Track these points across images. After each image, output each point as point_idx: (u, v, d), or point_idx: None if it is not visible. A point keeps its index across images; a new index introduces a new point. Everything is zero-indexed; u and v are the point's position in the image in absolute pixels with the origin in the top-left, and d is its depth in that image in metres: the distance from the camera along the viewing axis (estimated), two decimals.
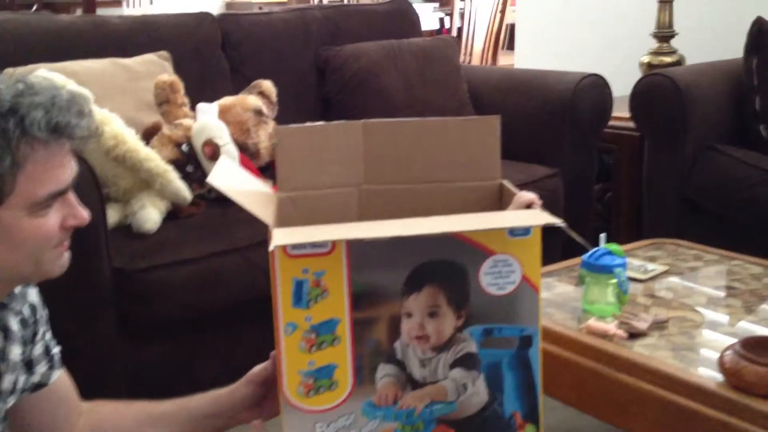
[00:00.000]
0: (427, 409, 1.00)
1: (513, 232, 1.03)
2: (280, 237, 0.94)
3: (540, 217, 1.00)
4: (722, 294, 1.60)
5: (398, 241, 1.00)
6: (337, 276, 0.96)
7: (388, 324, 0.98)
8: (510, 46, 4.64)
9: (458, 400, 1.00)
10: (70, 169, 0.91)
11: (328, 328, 0.97)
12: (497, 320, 1.01)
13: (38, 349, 1.04)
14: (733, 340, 1.34)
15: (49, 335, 1.07)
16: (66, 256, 0.96)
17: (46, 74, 1.80)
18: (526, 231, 1.03)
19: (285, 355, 0.97)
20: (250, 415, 1.09)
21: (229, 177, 1.20)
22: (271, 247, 0.94)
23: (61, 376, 1.08)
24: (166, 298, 1.70)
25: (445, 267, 0.98)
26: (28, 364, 1.01)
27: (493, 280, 1.00)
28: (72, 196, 0.93)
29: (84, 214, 0.94)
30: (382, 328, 0.98)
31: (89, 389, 1.17)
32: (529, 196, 1.18)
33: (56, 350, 1.09)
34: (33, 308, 1.02)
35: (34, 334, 1.03)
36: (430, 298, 0.98)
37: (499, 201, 1.25)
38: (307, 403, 0.97)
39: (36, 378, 1.03)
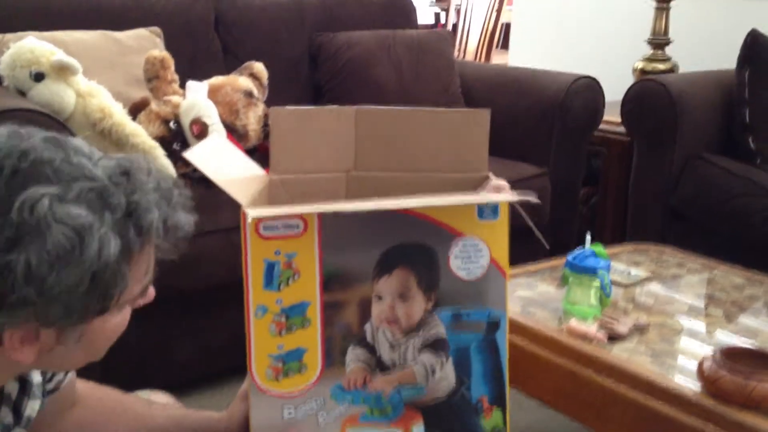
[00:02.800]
0: (395, 392, 1.00)
1: (482, 214, 1.04)
2: (252, 212, 0.93)
3: (507, 195, 1.01)
4: (703, 303, 1.60)
5: (369, 223, 1.00)
6: (309, 258, 0.96)
7: (358, 307, 0.99)
8: (504, 45, 4.64)
9: (427, 384, 1.00)
10: (149, 263, 0.83)
11: (298, 311, 0.97)
12: (466, 303, 1.02)
13: None
14: (711, 348, 1.34)
15: None
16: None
17: (34, 42, 1.77)
18: (494, 213, 1.03)
19: (254, 339, 0.97)
20: None
21: (213, 155, 1.18)
22: (248, 219, 0.93)
23: (70, 376, 1.04)
24: None
25: (416, 249, 0.99)
26: (45, 378, 0.96)
27: (463, 264, 1.01)
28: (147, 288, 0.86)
29: (153, 292, 0.87)
30: (353, 310, 0.99)
31: None
32: (498, 182, 1.18)
33: None
34: None
35: None
36: (400, 281, 0.99)
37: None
38: (276, 386, 0.97)
39: (51, 385, 0.99)
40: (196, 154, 1.07)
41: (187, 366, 1.86)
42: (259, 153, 2.17)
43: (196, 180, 1.95)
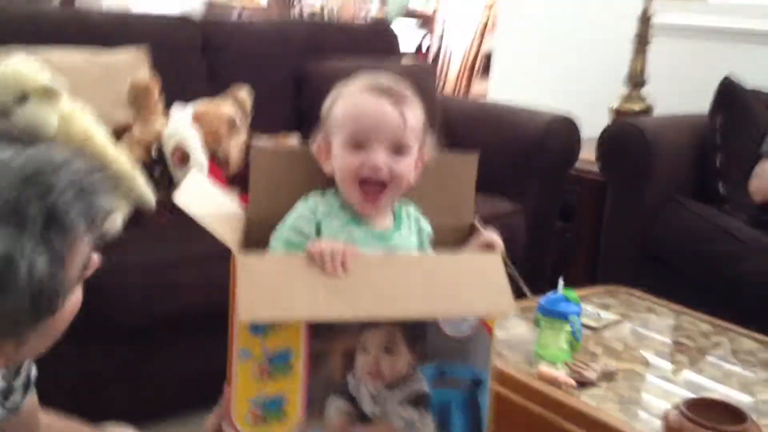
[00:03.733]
0: None
1: None
2: (248, 310, 0.92)
3: (501, 302, 1.01)
4: (670, 348, 1.64)
5: None
6: None
7: (342, 357, 0.99)
8: (485, 71, 4.69)
9: None
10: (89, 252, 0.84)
11: (282, 358, 0.97)
12: (451, 360, 1.03)
13: (20, 380, 1.01)
14: (679, 395, 1.38)
15: (31, 362, 1.04)
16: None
17: (19, 62, 1.77)
18: None
19: (237, 382, 0.97)
20: None
21: (197, 195, 1.19)
22: (240, 318, 0.93)
23: (30, 398, 1.05)
24: (120, 304, 1.68)
25: None
26: (5, 393, 0.98)
27: (450, 321, 1.01)
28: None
29: (96, 259, 0.88)
30: (337, 361, 0.99)
31: (38, 395, 1.16)
32: (490, 238, 1.20)
33: (33, 373, 1.05)
34: None
35: (19, 367, 1.00)
36: (386, 336, 1.00)
37: (468, 240, 1.27)
38: None
39: (9, 405, 1.00)
40: (184, 198, 1.09)
41: (157, 396, 1.86)
42: (240, 179, 2.18)
43: (176, 207, 1.96)
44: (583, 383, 1.40)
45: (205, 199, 1.19)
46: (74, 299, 0.85)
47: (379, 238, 1.15)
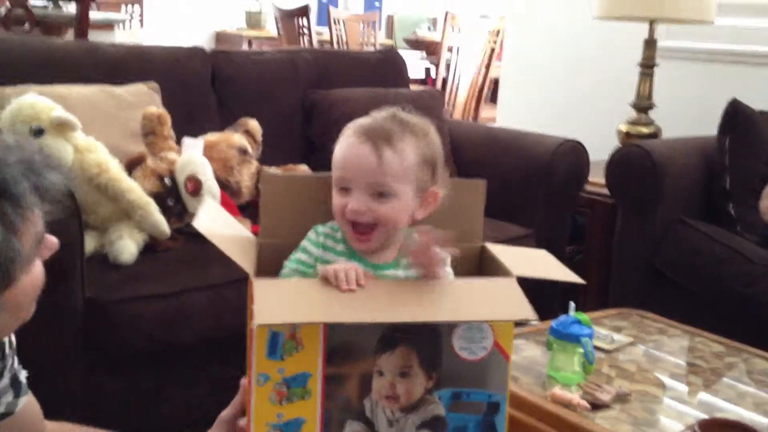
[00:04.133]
0: None
1: None
2: (263, 316, 0.93)
3: (521, 309, 1.00)
4: (684, 370, 1.64)
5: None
6: (313, 330, 0.97)
7: (359, 381, 0.99)
8: (493, 98, 4.72)
9: None
10: (40, 218, 0.89)
11: (299, 382, 0.97)
12: (467, 384, 1.02)
13: (5, 381, 1.03)
14: (693, 416, 1.37)
15: (17, 364, 1.07)
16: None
17: (34, 98, 1.81)
18: None
19: (255, 406, 0.98)
20: None
21: (213, 221, 1.21)
22: (254, 325, 0.94)
23: (28, 402, 1.08)
24: (135, 331, 1.70)
25: (419, 329, 0.99)
26: None
27: (466, 344, 1.01)
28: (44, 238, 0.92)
29: (55, 240, 0.93)
30: (353, 384, 0.99)
31: (50, 416, 1.17)
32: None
33: (23, 376, 1.08)
34: (1, 344, 1.02)
35: (3, 369, 1.02)
36: (402, 359, 0.99)
37: (479, 263, 1.28)
38: None
39: (1, 408, 1.02)
40: (202, 224, 1.11)
41: (173, 419, 1.87)
42: (252, 208, 2.20)
43: (188, 236, 1.99)
44: (597, 405, 1.40)
45: (221, 226, 1.21)
46: (34, 275, 0.89)
47: (373, 269, 1.14)
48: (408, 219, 1.17)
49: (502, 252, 1.25)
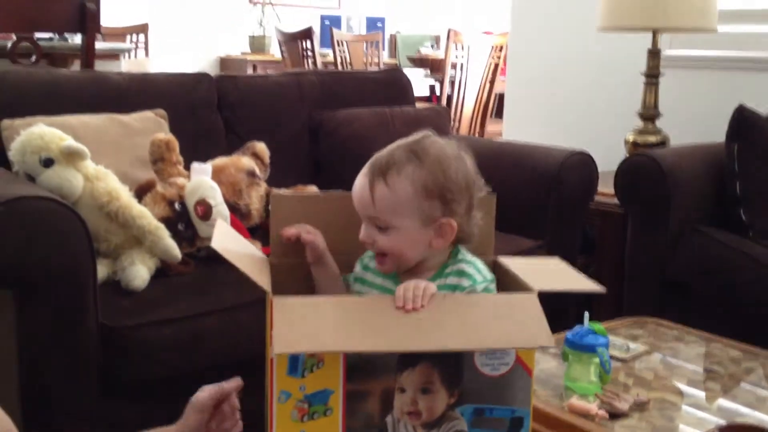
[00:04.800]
0: None
1: None
2: (282, 344, 0.94)
3: (539, 334, 1.00)
4: (702, 376, 1.62)
5: None
6: None
7: (380, 397, 1.00)
8: (498, 114, 4.73)
9: None
10: None
11: (321, 399, 0.98)
12: (489, 400, 1.02)
13: None
14: (713, 422, 1.36)
15: None
16: None
17: (43, 129, 1.83)
18: None
19: (276, 424, 0.98)
20: None
21: (228, 242, 1.22)
22: (272, 354, 0.95)
23: None
24: (149, 357, 1.70)
25: None
26: None
27: (488, 360, 1.02)
28: None
29: None
30: (375, 401, 1.00)
31: None
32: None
33: None
34: None
35: None
36: (424, 375, 1.00)
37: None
38: None
39: None
40: (219, 245, 1.12)
41: None
42: (262, 230, 2.20)
43: (200, 260, 1.99)
44: (615, 414, 1.39)
45: (235, 246, 1.22)
46: None
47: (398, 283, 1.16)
48: (420, 248, 1.19)
49: (516, 265, 1.25)
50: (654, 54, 2.80)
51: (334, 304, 1.02)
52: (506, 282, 1.23)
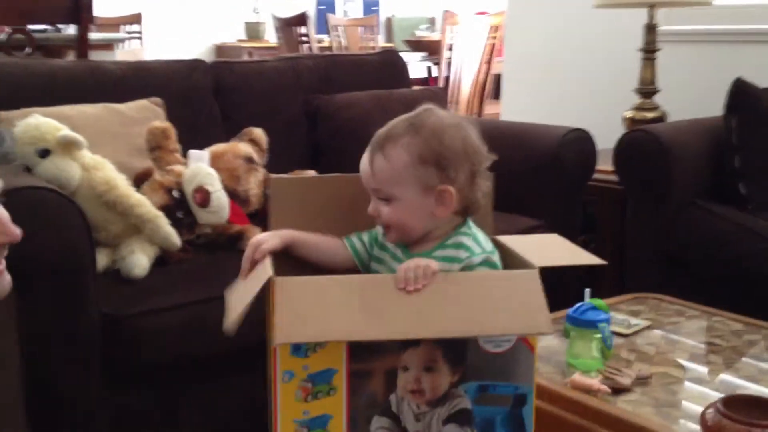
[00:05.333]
0: None
1: None
2: (284, 333, 0.94)
3: (539, 320, 1.01)
4: (704, 350, 1.63)
5: None
6: None
7: (384, 376, 1.00)
8: (496, 95, 4.72)
9: None
10: None
11: (324, 378, 0.99)
12: (493, 377, 1.03)
13: None
14: (715, 396, 1.36)
15: None
16: (7, 279, 1.00)
17: (39, 119, 1.82)
18: None
19: (280, 404, 0.99)
20: None
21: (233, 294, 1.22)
22: (276, 341, 0.95)
23: None
24: (152, 345, 1.70)
25: None
26: None
27: (490, 338, 1.02)
28: (3, 215, 0.95)
29: (16, 231, 0.95)
30: (378, 380, 1.00)
31: None
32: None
33: None
34: None
35: None
36: (427, 354, 1.01)
37: None
38: None
39: None
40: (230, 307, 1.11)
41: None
42: (261, 216, 2.20)
43: (199, 247, 1.99)
44: (617, 390, 1.40)
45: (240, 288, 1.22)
46: None
47: (407, 255, 1.20)
48: (423, 217, 1.19)
49: (514, 243, 1.25)
50: (651, 29, 2.79)
51: (337, 285, 1.02)
52: (506, 260, 1.23)
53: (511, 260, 1.21)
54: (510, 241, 1.26)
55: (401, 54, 3.08)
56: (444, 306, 1.00)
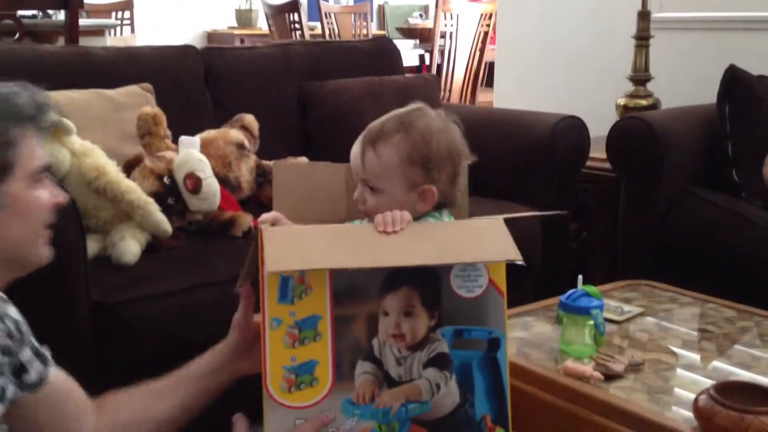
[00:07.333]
0: (402, 408, 1.06)
1: None
2: (274, 264, 1.00)
3: (508, 250, 1.08)
4: (696, 337, 1.63)
5: None
6: (320, 273, 1.03)
7: (366, 322, 1.05)
8: (489, 83, 4.71)
9: (432, 399, 1.06)
10: (44, 152, 1.05)
11: (310, 324, 1.03)
12: (467, 322, 1.08)
13: (26, 354, 1.03)
14: (708, 383, 1.36)
15: (35, 341, 1.07)
16: (50, 249, 1.07)
17: None
18: None
19: (269, 351, 1.03)
20: (247, 364, 1.17)
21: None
22: (265, 272, 1.00)
23: (59, 375, 1.10)
24: (143, 332, 1.69)
25: (419, 270, 1.06)
26: (18, 371, 1.01)
27: (463, 282, 1.08)
28: (50, 181, 1.06)
29: (65, 194, 1.07)
30: (361, 325, 1.05)
31: None
32: None
33: (46, 350, 1.09)
34: (17, 322, 1.03)
35: (21, 340, 1.03)
36: (405, 298, 1.06)
37: None
38: (289, 399, 1.03)
39: (33, 376, 1.03)
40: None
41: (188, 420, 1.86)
42: (252, 203, 2.20)
43: (191, 233, 1.98)
44: (610, 376, 1.39)
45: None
46: (39, 198, 1.03)
47: None
48: (405, 210, 1.24)
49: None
50: (644, 16, 2.78)
51: (321, 231, 1.09)
52: None
53: None
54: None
55: (394, 41, 3.07)
56: (420, 242, 1.08)
